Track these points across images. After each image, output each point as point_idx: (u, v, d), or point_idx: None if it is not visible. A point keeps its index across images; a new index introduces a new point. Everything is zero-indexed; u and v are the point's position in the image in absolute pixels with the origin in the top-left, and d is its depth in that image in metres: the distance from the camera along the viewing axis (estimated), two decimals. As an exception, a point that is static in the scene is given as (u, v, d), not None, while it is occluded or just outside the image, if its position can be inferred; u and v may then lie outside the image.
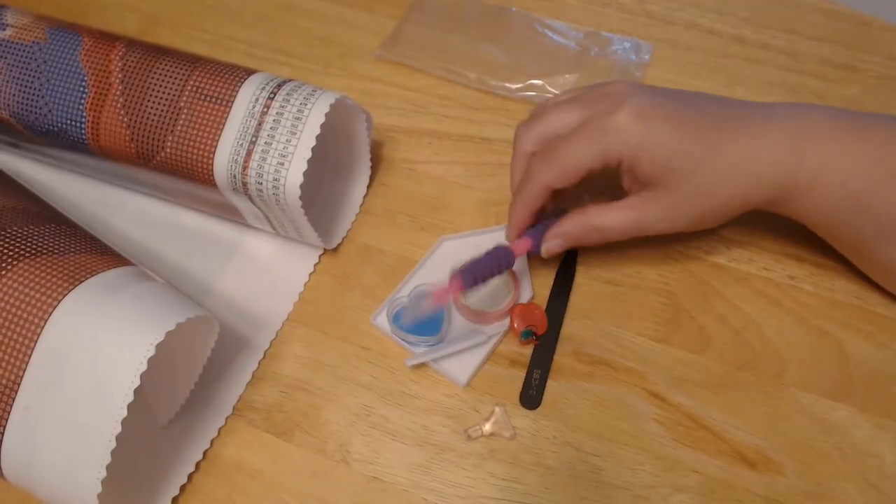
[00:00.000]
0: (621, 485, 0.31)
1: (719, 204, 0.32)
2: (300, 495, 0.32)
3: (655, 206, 0.32)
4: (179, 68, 0.35)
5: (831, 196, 0.31)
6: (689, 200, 0.32)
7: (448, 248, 0.38)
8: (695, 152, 0.31)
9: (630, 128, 0.31)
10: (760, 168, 0.31)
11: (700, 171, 0.31)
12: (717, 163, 0.31)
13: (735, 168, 0.31)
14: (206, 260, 0.39)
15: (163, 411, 0.34)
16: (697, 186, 0.31)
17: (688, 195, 0.31)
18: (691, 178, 0.31)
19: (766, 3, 0.46)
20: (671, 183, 0.31)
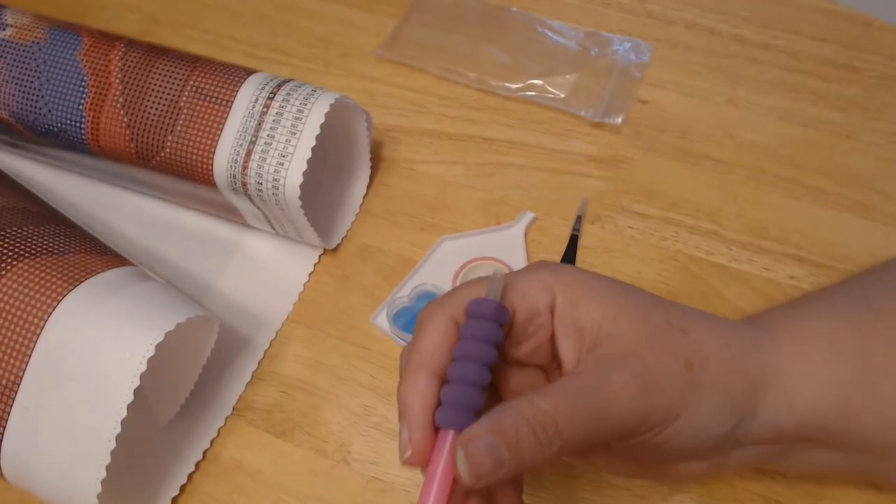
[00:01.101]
0: (621, 485, 0.31)
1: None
2: (300, 495, 0.32)
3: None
4: (179, 68, 0.35)
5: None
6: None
7: (448, 248, 0.38)
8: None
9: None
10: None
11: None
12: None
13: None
14: (205, 260, 0.39)
15: (163, 411, 0.34)
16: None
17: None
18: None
19: (767, 3, 0.46)
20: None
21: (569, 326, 0.24)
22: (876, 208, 0.38)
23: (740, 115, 0.42)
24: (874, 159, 0.40)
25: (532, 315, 0.24)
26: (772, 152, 0.40)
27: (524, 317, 0.24)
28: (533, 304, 0.24)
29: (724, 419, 0.23)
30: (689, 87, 0.43)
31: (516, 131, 0.42)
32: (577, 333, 0.24)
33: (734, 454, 0.25)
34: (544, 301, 0.24)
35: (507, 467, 0.21)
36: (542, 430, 0.21)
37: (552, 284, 0.24)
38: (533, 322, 0.24)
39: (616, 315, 0.23)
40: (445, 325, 0.24)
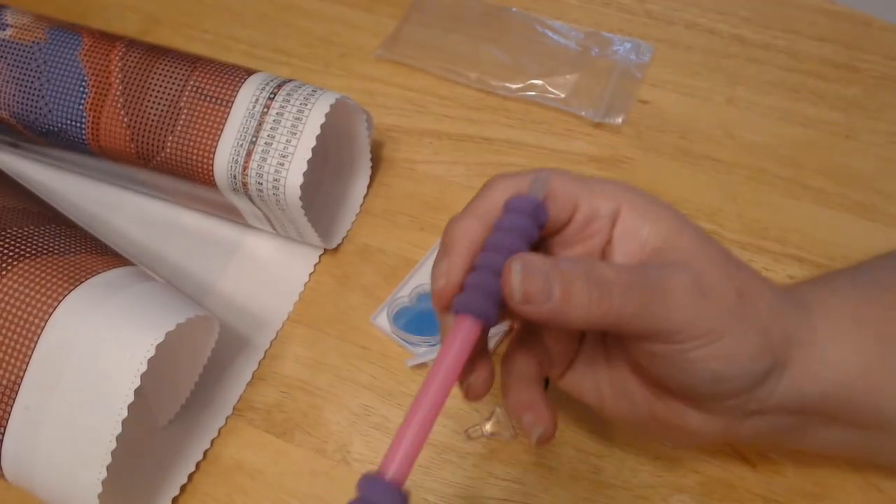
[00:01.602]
0: (621, 485, 0.31)
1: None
2: (300, 495, 0.32)
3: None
4: (179, 68, 0.35)
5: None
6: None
7: (448, 248, 0.38)
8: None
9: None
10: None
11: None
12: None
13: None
14: (206, 260, 0.39)
15: (163, 411, 0.34)
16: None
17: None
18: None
19: (767, 3, 0.46)
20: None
21: (631, 236, 0.24)
22: (876, 208, 0.38)
23: (740, 115, 0.42)
24: (874, 159, 0.40)
25: (592, 218, 0.24)
26: (772, 152, 0.40)
27: (583, 218, 0.24)
28: (595, 208, 0.24)
29: (762, 357, 0.23)
30: (690, 87, 0.43)
31: (517, 131, 0.43)
32: (637, 244, 0.24)
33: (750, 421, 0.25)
34: (608, 208, 0.24)
35: (554, 305, 0.21)
36: (597, 288, 0.21)
37: (619, 195, 0.24)
38: (591, 226, 0.24)
39: (679, 232, 0.24)
40: (508, 193, 0.24)
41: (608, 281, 0.21)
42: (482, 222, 0.23)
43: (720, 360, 0.22)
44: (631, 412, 0.26)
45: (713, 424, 0.25)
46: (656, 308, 0.22)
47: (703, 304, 0.22)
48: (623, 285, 0.21)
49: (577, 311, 0.21)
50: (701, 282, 0.22)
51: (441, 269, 0.23)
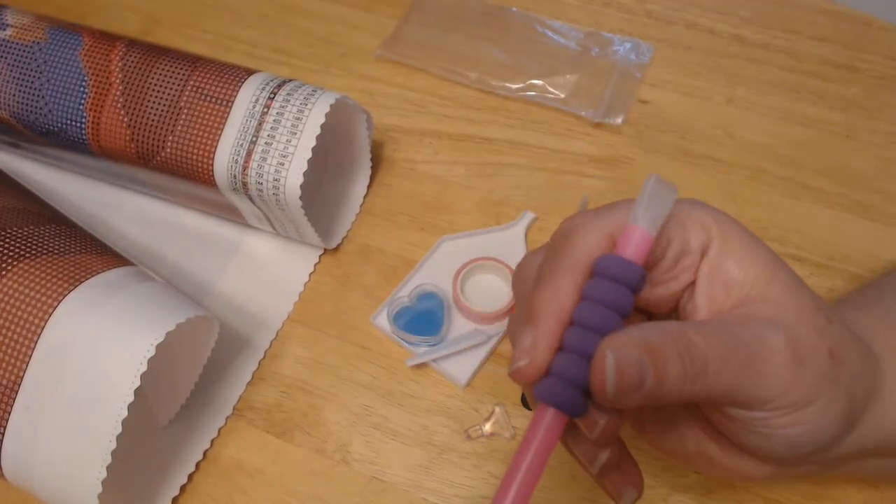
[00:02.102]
0: (621, 485, 0.31)
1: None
2: (300, 495, 0.32)
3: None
4: (180, 68, 0.35)
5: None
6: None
7: (448, 248, 0.38)
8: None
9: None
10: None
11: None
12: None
13: None
14: (206, 260, 0.39)
15: (163, 411, 0.34)
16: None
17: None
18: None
19: (767, 3, 0.46)
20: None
21: (718, 278, 0.21)
22: (876, 208, 0.38)
23: (740, 115, 0.42)
24: (874, 159, 0.40)
25: (683, 254, 0.21)
26: (772, 152, 0.40)
27: (675, 255, 0.21)
28: (687, 241, 0.21)
29: (842, 423, 0.21)
30: (689, 87, 0.43)
31: (517, 131, 0.43)
32: (723, 286, 0.21)
33: (801, 468, 0.24)
34: (698, 241, 0.21)
35: (647, 391, 0.19)
36: (691, 364, 0.19)
37: (710, 225, 0.21)
38: (681, 262, 0.21)
39: (771, 278, 0.21)
40: (599, 241, 0.21)
41: (701, 355, 0.19)
42: (574, 284, 0.20)
43: (803, 427, 0.21)
44: (675, 446, 0.24)
45: (763, 471, 0.23)
46: (751, 379, 0.20)
47: (799, 372, 0.20)
48: (717, 358, 0.19)
49: (669, 391, 0.19)
50: (797, 347, 0.20)
51: (525, 344, 0.20)
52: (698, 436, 0.24)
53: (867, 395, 0.23)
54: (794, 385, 0.20)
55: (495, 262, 0.36)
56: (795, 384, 0.20)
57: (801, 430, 0.21)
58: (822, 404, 0.21)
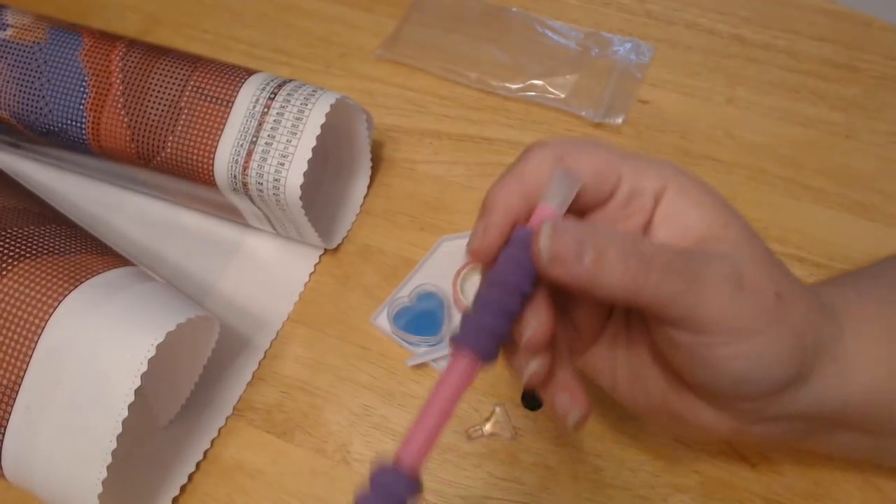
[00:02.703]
0: (621, 485, 0.31)
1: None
2: (300, 495, 0.32)
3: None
4: (180, 68, 0.35)
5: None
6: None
7: (448, 248, 0.38)
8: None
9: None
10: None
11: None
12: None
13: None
14: (206, 260, 0.39)
15: (163, 411, 0.34)
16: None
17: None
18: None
19: (767, 3, 0.46)
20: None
21: (675, 220, 0.23)
22: (876, 208, 0.38)
23: (740, 115, 0.42)
24: (874, 159, 0.40)
25: (634, 195, 0.23)
26: (772, 152, 0.40)
27: (626, 195, 0.23)
28: (640, 184, 0.23)
29: (790, 363, 0.22)
30: (689, 87, 0.43)
31: (517, 131, 0.43)
32: (681, 228, 0.23)
33: (762, 425, 0.24)
34: (653, 187, 0.23)
35: (585, 270, 0.20)
36: (635, 259, 0.20)
37: (666, 175, 0.23)
38: (633, 203, 0.23)
39: (726, 224, 0.22)
40: (550, 162, 0.23)
41: (647, 254, 0.21)
42: (523, 190, 0.23)
43: (747, 361, 0.22)
44: (643, 400, 0.26)
45: (724, 424, 0.24)
46: (693, 294, 0.21)
47: (740, 299, 0.21)
48: (662, 263, 0.21)
49: (610, 279, 0.20)
50: (741, 277, 0.21)
51: (478, 229, 0.23)
52: (663, 389, 0.25)
53: (819, 345, 0.23)
54: (734, 312, 0.21)
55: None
56: (735, 311, 0.21)
57: (744, 363, 0.22)
58: (764, 340, 0.22)
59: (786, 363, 0.22)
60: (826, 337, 0.24)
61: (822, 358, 0.23)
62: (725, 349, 0.22)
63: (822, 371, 0.23)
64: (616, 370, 0.27)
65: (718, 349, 0.22)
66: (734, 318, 0.21)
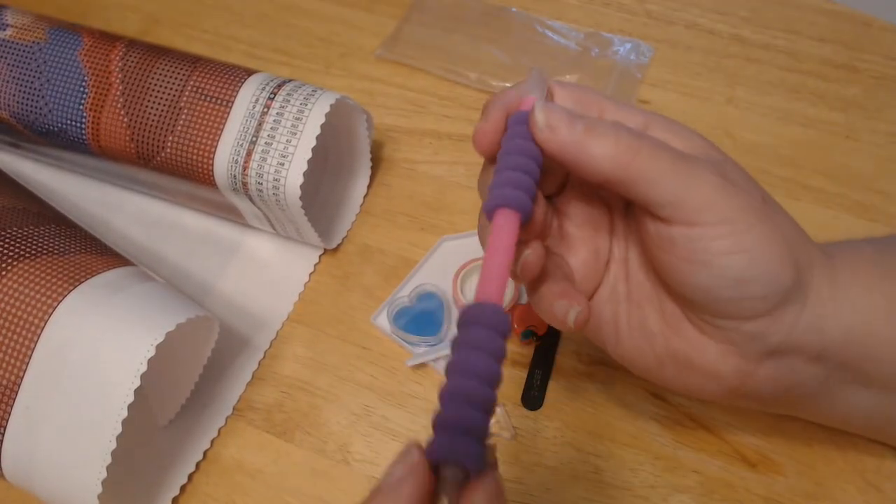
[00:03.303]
0: (622, 485, 0.31)
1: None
2: (300, 495, 0.32)
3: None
4: (180, 68, 0.35)
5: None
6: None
7: (448, 249, 0.38)
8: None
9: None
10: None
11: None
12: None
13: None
14: (206, 260, 0.39)
15: (163, 411, 0.34)
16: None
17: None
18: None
19: (767, 3, 0.46)
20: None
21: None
22: (876, 208, 0.38)
23: (740, 115, 0.42)
24: (874, 159, 0.40)
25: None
26: (772, 152, 0.40)
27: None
28: (622, 119, 0.24)
29: (785, 264, 0.22)
30: (689, 87, 0.43)
31: (516, 131, 0.42)
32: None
33: (768, 364, 0.24)
34: (636, 122, 0.24)
35: (577, 137, 0.22)
36: (626, 133, 0.22)
37: (648, 115, 0.24)
38: None
39: (709, 148, 0.24)
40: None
41: (638, 136, 0.22)
42: (517, 94, 0.24)
43: (742, 255, 0.22)
44: (646, 349, 0.26)
45: (730, 363, 0.24)
46: (681, 176, 0.22)
47: (728, 190, 0.22)
48: (652, 145, 0.22)
49: (602, 150, 0.21)
50: (726, 176, 0.22)
51: (482, 118, 0.25)
52: (665, 332, 0.25)
53: (811, 259, 0.24)
54: (723, 201, 0.22)
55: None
56: (724, 200, 0.22)
57: (741, 258, 0.22)
58: (756, 233, 0.22)
59: (781, 262, 0.22)
60: (816, 258, 0.24)
61: (817, 278, 0.24)
62: (719, 242, 0.22)
63: (819, 294, 0.24)
64: (618, 321, 0.27)
65: (712, 243, 0.22)
66: (724, 207, 0.22)
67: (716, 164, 0.23)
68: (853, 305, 0.24)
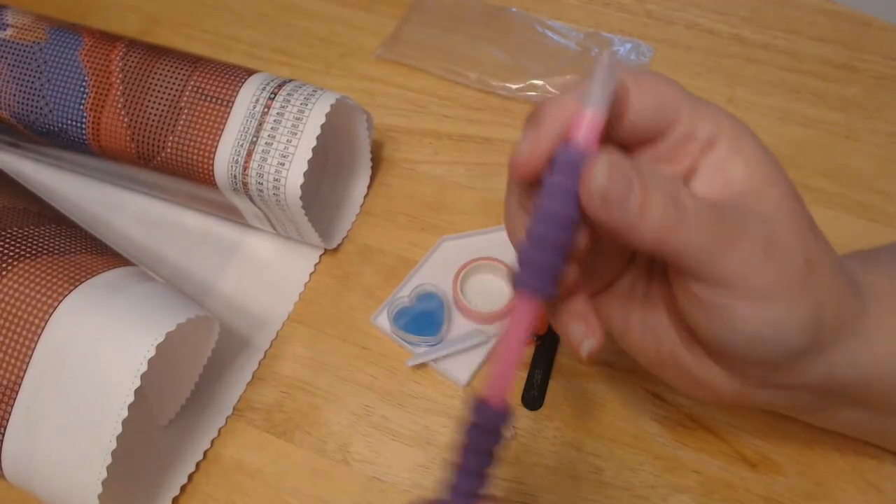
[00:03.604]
0: (621, 485, 0.31)
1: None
2: (300, 495, 0.32)
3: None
4: (180, 68, 0.35)
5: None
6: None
7: (448, 249, 0.38)
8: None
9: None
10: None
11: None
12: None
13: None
14: (206, 260, 0.39)
15: (163, 411, 0.34)
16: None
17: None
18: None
19: (767, 3, 0.46)
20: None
21: (721, 171, 0.22)
22: (876, 208, 0.38)
23: (740, 115, 0.41)
24: (874, 159, 0.40)
25: (688, 139, 0.22)
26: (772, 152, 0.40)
27: (680, 137, 0.22)
28: (694, 129, 0.22)
29: (806, 333, 0.22)
30: (689, 87, 0.43)
31: (517, 132, 0.42)
32: (724, 180, 0.22)
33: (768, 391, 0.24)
34: (706, 132, 0.22)
35: (628, 215, 0.20)
36: (673, 208, 0.20)
37: (721, 121, 0.22)
38: (685, 147, 0.22)
39: (771, 182, 0.22)
40: (616, 82, 0.21)
41: (685, 206, 0.20)
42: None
43: (763, 323, 0.21)
44: (653, 350, 0.26)
45: (731, 385, 0.24)
46: (719, 249, 0.21)
47: (766, 262, 0.21)
48: (698, 216, 0.20)
49: (648, 226, 0.20)
50: (772, 241, 0.21)
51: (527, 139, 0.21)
52: (674, 340, 0.25)
53: (841, 320, 0.23)
54: (759, 272, 0.21)
55: (495, 263, 0.36)
56: (759, 271, 0.21)
57: (760, 325, 0.21)
58: (784, 306, 0.21)
59: (802, 331, 0.22)
60: (849, 312, 0.23)
61: (842, 332, 0.23)
62: (744, 308, 0.21)
63: (839, 345, 0.23)
64: (629, 317, 0.26)
65: (737, 307, 0.21)
66: (759, 279, 0.21)
67: (767, 220, 0.21)
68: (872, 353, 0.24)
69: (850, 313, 0.23)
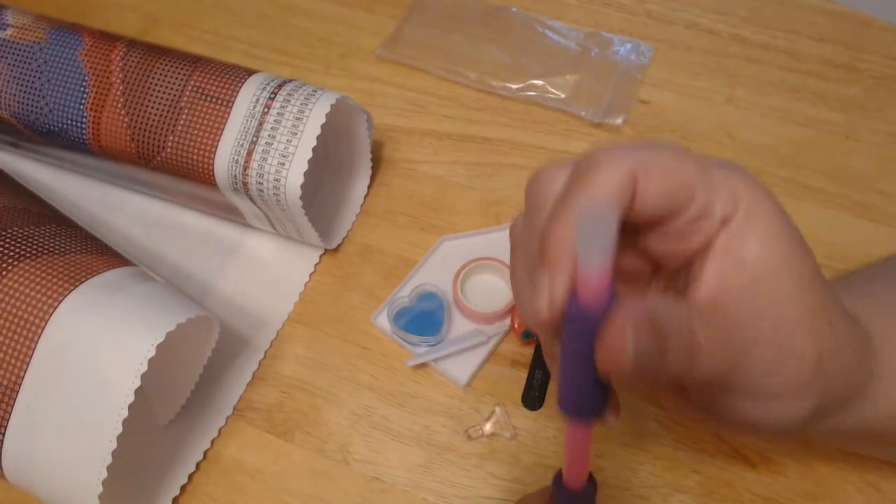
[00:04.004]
0: (622, 485, 0.31)
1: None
2: (300, 495, 0.32)
3: None
4: (180, 68, 0.35)
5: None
6: None
7: (448, 249, 0.38)
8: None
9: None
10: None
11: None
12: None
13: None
14: (206, 260, 0.39)
15: (163, 411, 0.34)
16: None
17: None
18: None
19: (767, 3, 0.46)
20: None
21: (734, 255, 0.20)
22: (876, 208, 0.38)
23: (740, 115, 0.42)
24: (874, 159, 0.40)
25: (703, 216, 0.20)
26: (772, 152, 0.40)
27: (695, 214, 0.20)
28: (710, 204, 0.20)
29: (806, 417, 0.22)
30: (689, 87, 0.43)
31: (517, 131, 0.43)
32: (737, 265, 0.20)
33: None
34: (723, 209, 0.20)
35: (654, 369, 0.19)
36: (687, 352, 0.19)
37: (741, 195, 0.20)
38: (699, 223, 0.20)
39: (787, 267, 0.20)
40: (622, 179, 0.19)
41: (699, 344, 0.19)
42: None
43: (766, 415, 0.22)
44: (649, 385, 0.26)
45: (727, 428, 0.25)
46: (731, 368, 0.21)
47: (777, 372, 0.21)
48: (710, 353, 0.20)
49: (667, 372, 0.19)
50: (783, 347, 0.21)
51: (540, 289, 0.19)
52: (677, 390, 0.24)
53: (848, 394, 0.23)
54: (766, 383, 0.21)
55: (495, 263, 0.36)
56: (767, 383, 0.21)
57: (762, 416, 0.22)
58: (790, 403, 0.22)
59: (799, 421, 0.22)
60: (859, 381, 0.23)
61: (851, 398, 0.23)
62: (747, 407, 0.22)
63: (845, 408, 0.23)
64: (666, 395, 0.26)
65: (740, 405, 0.22)
66: (767, 388, 0.21)
67: (780, 312, 0.21)
68: (878, 408, 0.24)
69: (860, 382, 0.23)
